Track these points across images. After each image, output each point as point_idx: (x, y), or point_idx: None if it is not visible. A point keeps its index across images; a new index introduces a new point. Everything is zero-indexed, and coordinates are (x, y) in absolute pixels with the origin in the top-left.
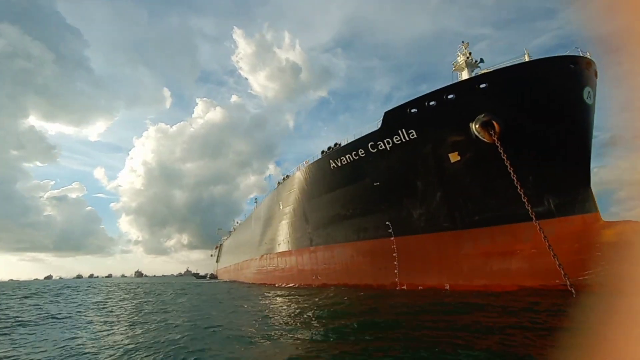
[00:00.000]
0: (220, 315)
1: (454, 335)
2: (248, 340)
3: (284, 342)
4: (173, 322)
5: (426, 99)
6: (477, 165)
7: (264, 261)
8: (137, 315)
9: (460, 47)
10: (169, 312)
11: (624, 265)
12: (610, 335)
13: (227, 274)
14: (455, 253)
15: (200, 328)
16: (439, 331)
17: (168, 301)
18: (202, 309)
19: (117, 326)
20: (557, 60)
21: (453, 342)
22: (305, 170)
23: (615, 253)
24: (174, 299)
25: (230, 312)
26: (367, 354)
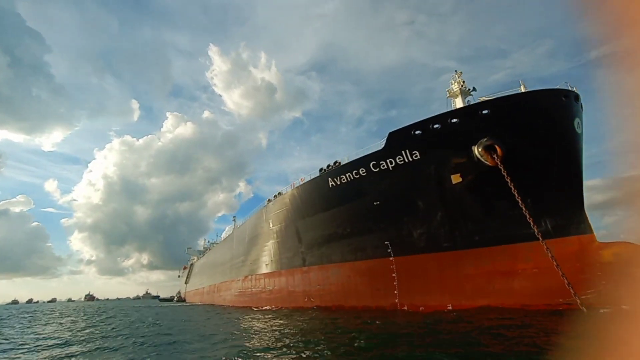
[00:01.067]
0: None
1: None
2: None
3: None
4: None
5: (431, 121)
6: (478, 187)
7: (248, 282)
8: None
9: (454, 75)
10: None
11: (623, 284)
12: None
13: (199, 297)
14: (456, 273)
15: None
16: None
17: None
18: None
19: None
20: (551, 93)
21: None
22: (300, 188)
23: (614, 272)
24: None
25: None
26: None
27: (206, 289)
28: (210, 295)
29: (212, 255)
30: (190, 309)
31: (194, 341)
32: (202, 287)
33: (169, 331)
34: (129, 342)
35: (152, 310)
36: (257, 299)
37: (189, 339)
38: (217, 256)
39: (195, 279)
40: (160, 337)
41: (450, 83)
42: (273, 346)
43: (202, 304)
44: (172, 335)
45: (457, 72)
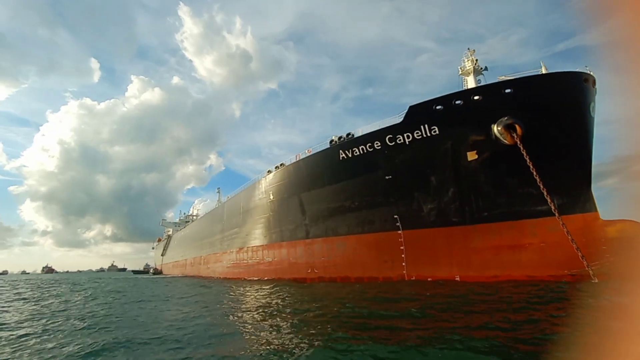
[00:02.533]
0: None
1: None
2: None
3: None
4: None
5: (453, 97)
6: (492, 165)
7: (244, 254)
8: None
9: (467, 53)
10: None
11: (628, 257)
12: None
13: (179, 269)
14: (464, 246)
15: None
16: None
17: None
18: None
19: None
20: (573, 76)
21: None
22: (306, 160)
23: (618, 247)
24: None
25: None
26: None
27: (189, 261)
28: (195, 268)
29: (196, 227)
30: (175, 280)
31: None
32: (183, 259)
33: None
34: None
35: (139, 282)
36: (254, 271)
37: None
38: (202, 228)
39: (175, 251)
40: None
41: (463, 61)
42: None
43: (184, 276)
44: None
45: (470, 50)
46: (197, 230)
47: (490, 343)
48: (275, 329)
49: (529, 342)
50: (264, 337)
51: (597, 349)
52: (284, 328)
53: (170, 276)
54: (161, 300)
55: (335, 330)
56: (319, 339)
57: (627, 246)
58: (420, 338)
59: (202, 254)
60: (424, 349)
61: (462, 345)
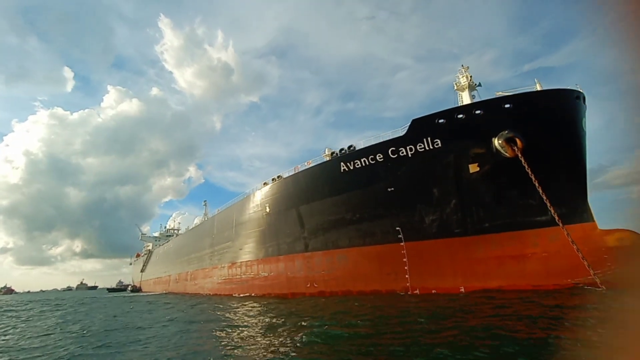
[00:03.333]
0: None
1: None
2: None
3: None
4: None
5: (455, 111)
6: (493, 177)
7: (237, 269)
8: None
9: (461, 70)
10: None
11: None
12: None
13: (162, 286)
14: (467, 257)
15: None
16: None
17: None
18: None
19: None
20: (566, 93)
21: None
22: (306, 172)
23: (618, 255)
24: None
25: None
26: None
27: (174, 277)
28: (180, 284)
29: (181, 241)
30: (159, 299)
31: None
32: (167, 275)
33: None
34: None
35: (116, 304)
36: (249, 286)
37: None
38: (188, 242)
39: (156, 266)
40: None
41: (457, 77)
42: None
43: (167, 293)
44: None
45: (464, 67)
46: (182, 245)
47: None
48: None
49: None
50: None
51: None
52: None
53: (151, 294)
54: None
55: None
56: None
57: (628, 254)
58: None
59: (189, 270)
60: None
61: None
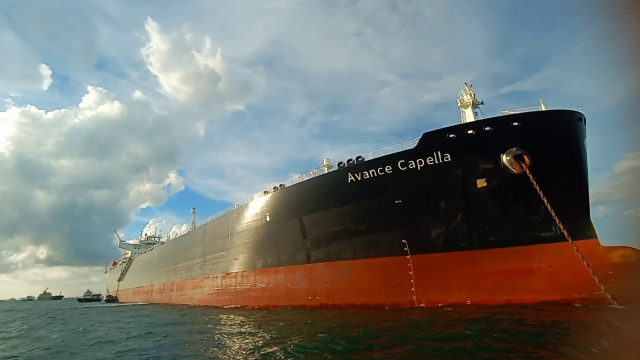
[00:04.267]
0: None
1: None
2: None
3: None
4: None
5: (466, 127)
6: (500, 192)
7: (231, 280)
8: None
9: (465, 87)
10: None
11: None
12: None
13: (143, 296)
14: (473, 271)
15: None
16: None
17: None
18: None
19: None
20: (570, 114)
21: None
22: (311, 182)
23: (623, 272)
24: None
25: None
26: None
27: (157, 287)
28: (165, 294)
29: (167, 249)
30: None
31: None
32: (149, 284)
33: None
34: None
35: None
36: (244, 298)
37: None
38: (175, 251)
39: (137, 275)
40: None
41: (461, 94)
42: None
43: (148, 304)
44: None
45: (467, 85)
46: (168, 253)
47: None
48: None
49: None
50: None
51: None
52: None
53: (130, 304)
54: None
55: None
56: None
57: (631, 271)
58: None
59: (176, 280)
60: None
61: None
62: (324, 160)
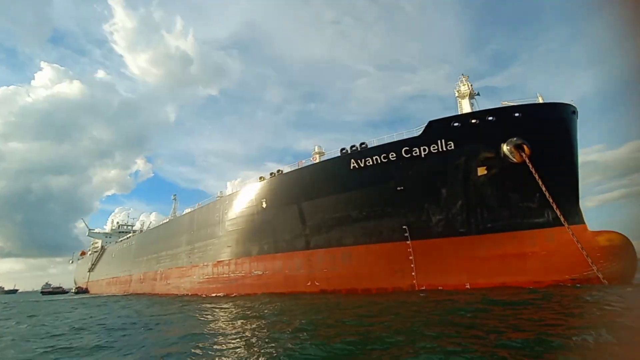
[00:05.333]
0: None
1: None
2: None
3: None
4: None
5: (470, 116)
6: (499, 180)
7: (224, 267)
8: None
9: (462, 79)
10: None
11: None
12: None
13: (119, 286)
14: (471, 255)
15: None
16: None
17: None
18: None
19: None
20: (566, 107)
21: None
22: (311, 168)
23: (609, 254)
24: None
25: None
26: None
27: (136, 276)
28: (146, 284)
29: (146, 238)
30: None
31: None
32: (127, 274)
33: None
34: None
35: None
36: (238, 286)
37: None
38: (157, 239)
39: (111, 265)
40: None
41: (458, 85)
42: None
43: (127, 295)
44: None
45: (465, 76)
46: (148, 242)
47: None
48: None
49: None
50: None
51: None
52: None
53: (105, 295)
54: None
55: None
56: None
57: (617, 254)
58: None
59: (159, 269)
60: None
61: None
62: (315, 148)
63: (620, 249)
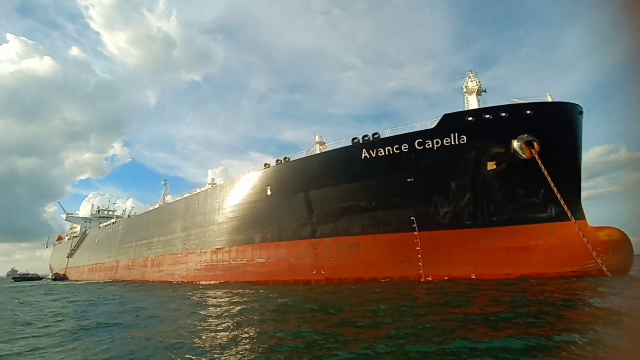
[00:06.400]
0: None
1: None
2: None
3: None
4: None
5: (484, 111)
6: (506, 175)
7: (224, 254)
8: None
9: (470, 75)
10: None
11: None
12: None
13: (103, 273)
14: (477, 247)
15: None
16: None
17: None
18: None
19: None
20: (574, 107)
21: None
22: (321, 156)
23: (609, 248)
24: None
25: None
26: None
27: (124, 263)
28: (136, 271)
29: (136, 223)
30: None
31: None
32: (112, 260)
33: None
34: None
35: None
36: (239, 273)
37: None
38: (148, 225)
39: (94, 251)
40: None
41: (466, 81)
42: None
43: (113, 282)
44: None
45: (473, 72)
46: (138, 227)
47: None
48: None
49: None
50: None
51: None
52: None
53: (85, 282)
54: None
55: None
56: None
57: (616, 248)
58: None
59: (150, 255)
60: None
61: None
62: (316, 137)
63: (619, 244)
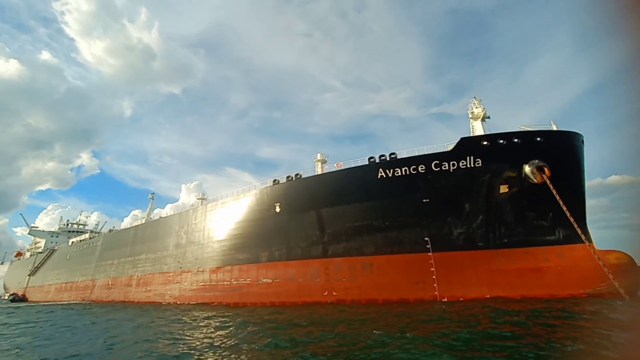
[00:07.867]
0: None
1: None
2: None
3: None
4: None
5: (498, 137)
6: (518, 199)
7: (225, 274)
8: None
9: (474, 101)
10: None
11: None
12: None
13: (74, 293)
14: (490, 268)
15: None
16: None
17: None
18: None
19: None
20: (577, 135)
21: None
22: (335, 174)
23: (618, 271)
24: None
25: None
26: None
27: (101, 282)
28: (117, 291)
29: (119, 239)
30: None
31: None
32: (87, 279)
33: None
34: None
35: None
36: (242, 294)
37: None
38: (134, 241)
39: (64, 269)
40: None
41: (471, 107)
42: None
43: (87, 303)
44: None
45: (477, 99)
46: (121, 244)
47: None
48: None
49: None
50: None
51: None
52: None
53: (52, 304)
54: None
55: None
56: None
57: (625, 271)
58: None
59: (136, 273)
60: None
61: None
62: (318, 155)
63: (627, 267)
